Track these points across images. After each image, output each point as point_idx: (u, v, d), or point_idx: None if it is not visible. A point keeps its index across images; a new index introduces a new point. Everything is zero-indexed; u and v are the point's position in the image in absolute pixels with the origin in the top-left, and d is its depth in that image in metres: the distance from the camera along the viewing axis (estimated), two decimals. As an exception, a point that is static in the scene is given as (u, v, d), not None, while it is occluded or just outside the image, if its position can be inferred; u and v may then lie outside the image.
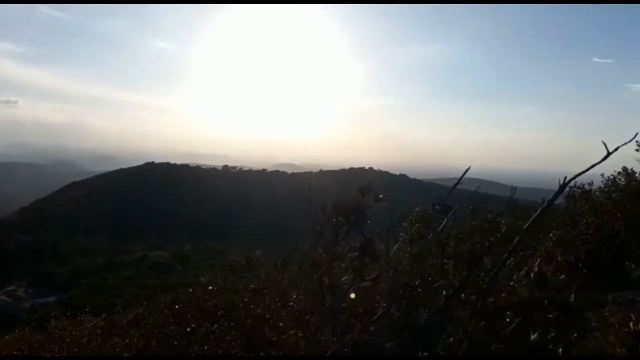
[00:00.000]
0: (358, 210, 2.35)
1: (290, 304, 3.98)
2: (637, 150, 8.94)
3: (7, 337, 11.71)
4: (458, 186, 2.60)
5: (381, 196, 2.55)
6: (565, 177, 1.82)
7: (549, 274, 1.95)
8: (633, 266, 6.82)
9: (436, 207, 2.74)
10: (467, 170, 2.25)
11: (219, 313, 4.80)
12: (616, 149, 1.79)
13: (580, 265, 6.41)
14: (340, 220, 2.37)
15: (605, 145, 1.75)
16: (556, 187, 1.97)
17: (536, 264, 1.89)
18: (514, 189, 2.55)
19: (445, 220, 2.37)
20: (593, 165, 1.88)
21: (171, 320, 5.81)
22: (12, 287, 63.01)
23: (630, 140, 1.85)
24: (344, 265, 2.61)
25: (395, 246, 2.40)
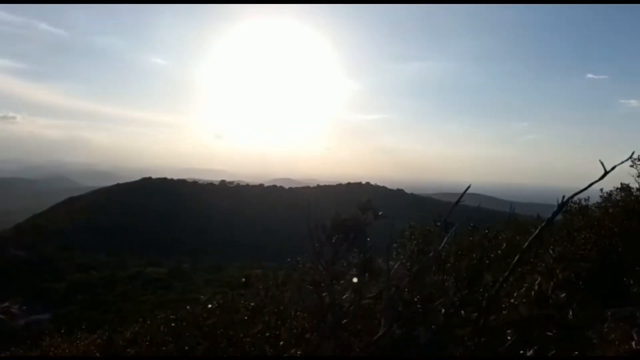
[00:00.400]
0: (357, 227, 2.37)
1: (289, 320, 3.96)
2: (631, 166, 9.01)
3: (0, 355, 11.55)
4: (456, 200, 2.62)
5: (380, 213, 2.56)
6: (564, 196, 1.84)
7: (549, 292, 1.96)
8: (631, 282, 6.82)
9: (437, 223, 2.75)
10: (467, 189, 2.28)
11: (218, 331, 4.77)
12: (613, 168, 1.82)
13: (580, 283, 6.41)
14: (339, 237, 2.38)
15: (602, 164, 1.78)
16: (553, 202, 1.99)
17: (536, 282, 1.90)
18: (512, 207, 2.57)
19: (446, 238, 2.38)
20: (591, 184, 1.91)
21: (169, 338, 5.76)
22: (6, 304, 62.28)
23: (626, 159, 1.88)
24: (343, 282, 2.61)
25: (396, 265, 2.40)
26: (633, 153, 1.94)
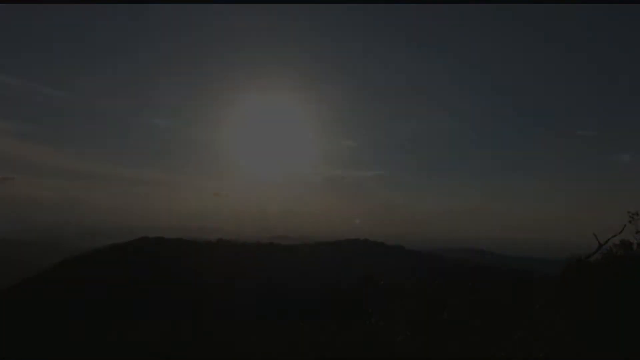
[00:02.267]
0: (361, 300, 2.39)
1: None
2: (630, 222, 9.07)
3: None
4: (456, 256, 2.67)
5: (382, 282, 2.60)
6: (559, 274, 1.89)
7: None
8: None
9: (439, 282, 2.79)
10: (464, 267, 2.33)
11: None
12: (607, 242, 1.88)
13: (583, 341, 6.35)
14: (343, 310, 2.40)
15: (596, 237, 1.84)
16: (550, 256, 2.04)
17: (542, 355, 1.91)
18: (516, 277, 2.61)
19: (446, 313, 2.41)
20: (588, 257, 1.96)
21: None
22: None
23: (619, 233, 1.95)
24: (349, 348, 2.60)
25: (400, 337, 2.40)
26: (625, 227, 2.01)
